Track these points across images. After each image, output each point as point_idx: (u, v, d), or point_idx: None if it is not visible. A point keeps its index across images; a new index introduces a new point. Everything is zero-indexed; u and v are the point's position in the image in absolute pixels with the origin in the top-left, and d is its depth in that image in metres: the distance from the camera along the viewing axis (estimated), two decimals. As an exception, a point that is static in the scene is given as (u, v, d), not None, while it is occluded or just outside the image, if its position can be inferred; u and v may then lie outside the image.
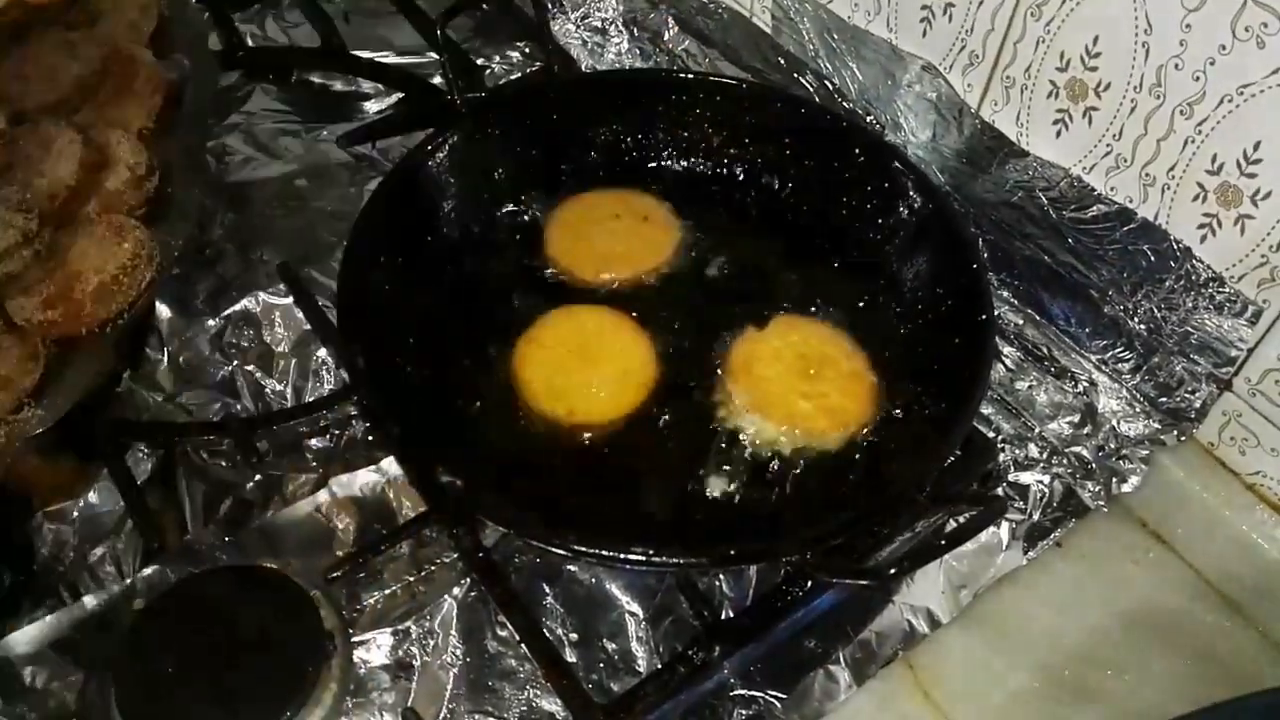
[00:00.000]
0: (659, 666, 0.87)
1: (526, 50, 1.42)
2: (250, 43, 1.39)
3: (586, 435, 0.96)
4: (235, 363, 1.08)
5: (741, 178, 1.17)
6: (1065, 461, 1.02)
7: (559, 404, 0.96)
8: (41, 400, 0.90)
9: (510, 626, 0.88)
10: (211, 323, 1.10)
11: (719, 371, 0.99)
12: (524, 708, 0.87)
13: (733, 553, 0.82)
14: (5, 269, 0.92)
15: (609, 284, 1.07)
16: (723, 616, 0.88)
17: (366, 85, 1.36)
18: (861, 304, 1.05)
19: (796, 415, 0.95)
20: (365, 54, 1.38)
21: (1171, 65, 0.88)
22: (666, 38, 1.37)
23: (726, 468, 0.93)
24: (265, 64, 1.37)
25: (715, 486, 0.92)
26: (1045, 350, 1.07)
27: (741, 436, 0.95)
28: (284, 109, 1.33)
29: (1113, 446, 1.02)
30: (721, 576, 0.93)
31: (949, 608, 0.94)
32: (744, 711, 0.88)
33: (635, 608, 0.92)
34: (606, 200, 1.14)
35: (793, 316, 1.03)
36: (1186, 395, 0.98)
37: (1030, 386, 1.07)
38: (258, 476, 1.00)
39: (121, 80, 1.09)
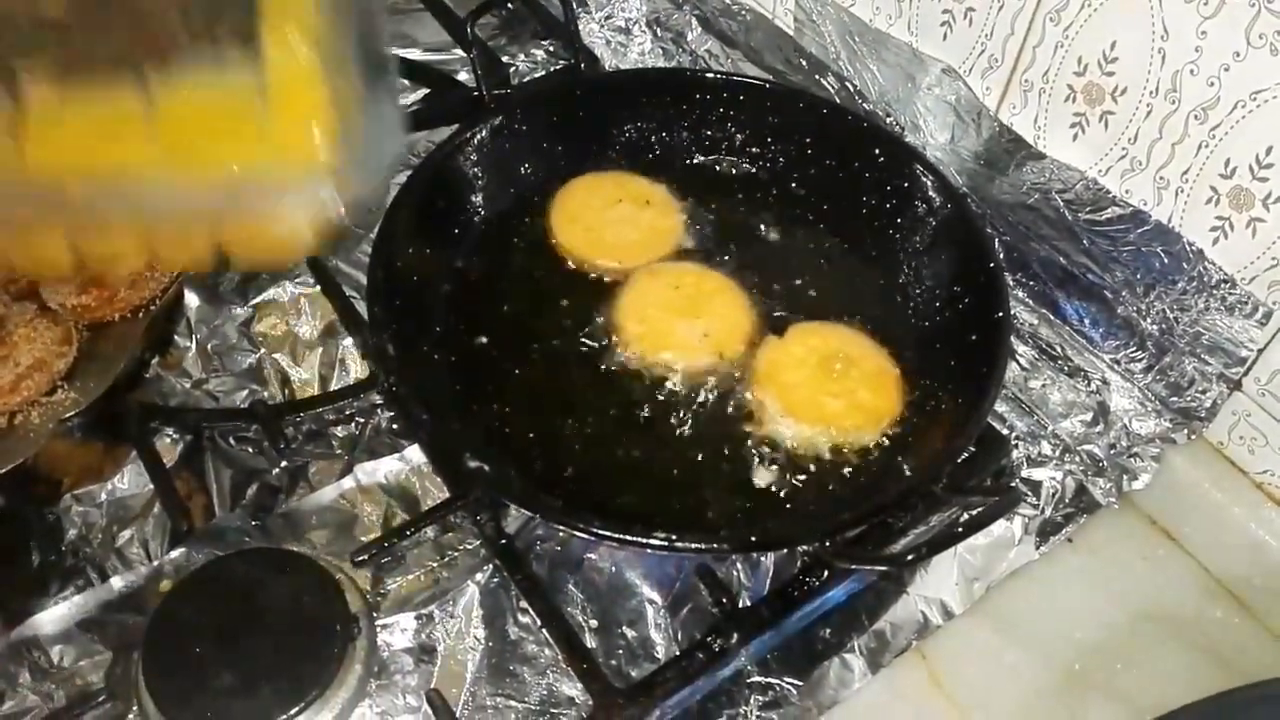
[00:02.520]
0: (677, 653, 0.88)
1: (551, 49, 1.43)
2: (277, 38, 1.39)
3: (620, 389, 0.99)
4: (262, 351, 1.09)
5: (763, 177, 1.18)
6: (1077, 459, 1.03)
7: (639, 326, 1.01)
8: (74, 383, 0.92)
9: (531, 612, 0.89)
10: (239, 311, 1.11)
11: (743, 375, 1.00)
12: (544, 692, 0.88)
13: (753, 539, 0.84)
14: (42, 254, 0.94)
15: (618, 271, 1.08)
16: (741, 605, 0.89)
17: (392, 81, 1.37)
18: (880, 302, 1.06)
19: (828, 415, 0.96)
20: (391, 50, 1.39)
21: (1187, 71, 0.89)
22: (689, 38, 1.37)
23: (751, 463, 0.94)
24: (292, 59, 1.38)
25: (738, 480, 0.93)
26: (1059, 349, 1.08)
27: (776, 440, 0.96)
28: (311, 103, 1.34)
29: (1124, 445, 1.03)
30: (740, 566, 0.94)
31: (962, 599, 0.95)
32: (760, 698, 0.89)
33: (654, 595, 0.93)
34: (604, 184, 1.15)
35: (811, 323, 1.04)
36: (1197, 395, 0.98)
37: (1044, 385, 1.07)
38: (284, 462, 1.01)
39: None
